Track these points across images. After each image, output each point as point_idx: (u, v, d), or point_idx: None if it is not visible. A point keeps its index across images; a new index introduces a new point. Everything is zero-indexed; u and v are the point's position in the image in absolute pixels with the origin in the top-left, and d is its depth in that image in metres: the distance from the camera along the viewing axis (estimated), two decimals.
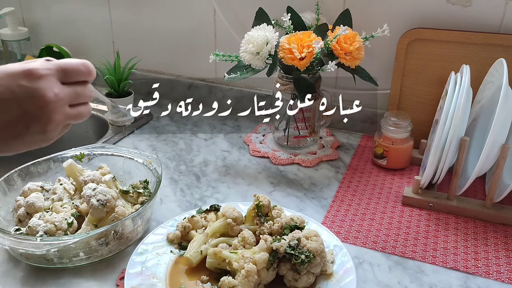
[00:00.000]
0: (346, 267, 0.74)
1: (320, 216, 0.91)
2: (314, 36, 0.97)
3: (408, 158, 1.06)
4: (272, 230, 0.77)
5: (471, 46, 1.01)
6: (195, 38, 1.32)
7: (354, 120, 1.22)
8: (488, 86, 0.95)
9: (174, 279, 0.74)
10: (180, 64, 1.39)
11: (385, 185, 1.00)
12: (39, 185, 0.87)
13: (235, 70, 1.05)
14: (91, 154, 0.95)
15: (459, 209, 0.90)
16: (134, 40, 1.40)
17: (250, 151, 1.13)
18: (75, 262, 0.77)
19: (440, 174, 0.90)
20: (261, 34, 0.99)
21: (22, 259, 0.78)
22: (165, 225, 0.84)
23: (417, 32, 1.04)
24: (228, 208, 0.81)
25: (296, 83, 1.01)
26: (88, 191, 0.80)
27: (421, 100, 1.09)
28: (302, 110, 1.09)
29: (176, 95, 1.40)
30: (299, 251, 0.70)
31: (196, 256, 0.75)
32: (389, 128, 1.03)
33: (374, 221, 0.89)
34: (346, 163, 1.09)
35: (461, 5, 1.03)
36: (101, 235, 0.76)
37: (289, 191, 0.98)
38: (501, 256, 0.81)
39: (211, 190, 0.98)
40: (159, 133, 1.22)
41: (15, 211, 0.82)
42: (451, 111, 0.85)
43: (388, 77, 1.13)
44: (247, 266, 0.69)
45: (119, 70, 1.22)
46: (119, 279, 0.75)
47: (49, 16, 1.51)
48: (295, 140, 1.14)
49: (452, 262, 0.79)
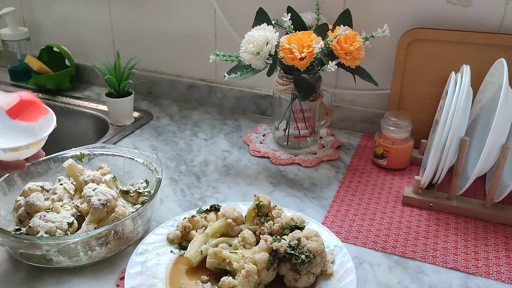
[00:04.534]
0: (346, 267, 0.74)
1: (320, 216, 0.91)
2: (314, 36, 0.97)
3: (408, 158, 1.06)
4: (272, 230, 0.77)
5: (471, 46, 1.01)
6: (195, 38, 1.32)
7: (354, 120, 1.22)
8: (488, 86, 0.95)
9: (174, 279, 0.74)
10: (180, 64, 1.39)
11: (385, 185, 1.00)
12: (39, 185, 0.87)
13: (235, 70, 1.05)
14: (91, 154, 0.95)
15: (459, 209, 0.90)
16: (134, 40, 1.40)
17: (250, 151, 1.13)
18: (75, 262, 0.77)
19: (440, 174, 0.90)
20: (261, 34, 0.99)
21: (22, 259, 0.78)
22: (165, 225, 0.84)
23: (417, 32, 1.04)
24: (228, 208, 0.80)
25: (296, 83, 1.01)
26: (88, 191, 0.80)
27: (421, 100, 1.09)
28: (302, 110, 1.09)
29: (176, 95, 1.40)
30: (299, 251, 0.70)
31: (196, 256, 0.75)
32: (389, 128, 1.03)
33: (374, 221, 0.89)
34: (346, 163, 1.09)
35: (461, 5, 1.03)
36: (101, 235, 0.76)
37: (289, 191, 0.98)
38: (501, 256, 0.81)
39: (211, 190, 0.98)
40: (159, 133, 1.22)
41: (15, 211, 0.82)
42: (451, 111, 0.85)
43: (388, 77, 1.13)
44: (247, 266, 0.69)
45: (119, 70, 1.22)
46: (119, 279, 0.75)
47: (49, 16, 1.51)
48: (295, 140, 1.14)
49: (452, 262, 0.79)
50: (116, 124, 1.25)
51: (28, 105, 0.71)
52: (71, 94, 1.43)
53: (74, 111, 1.36)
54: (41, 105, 0.73)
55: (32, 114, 0.72)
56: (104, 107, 1.32)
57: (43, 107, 0.73)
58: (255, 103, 1.32)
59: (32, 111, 0.72)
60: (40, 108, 0.73)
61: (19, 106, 0.71)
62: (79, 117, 1.36)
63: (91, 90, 1.47)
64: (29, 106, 0.72)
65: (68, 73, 1.43)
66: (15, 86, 1.49)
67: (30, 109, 0.72)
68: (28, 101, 0.71)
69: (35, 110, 0.72)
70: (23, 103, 0.71)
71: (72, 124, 1.37)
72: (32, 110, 0.72)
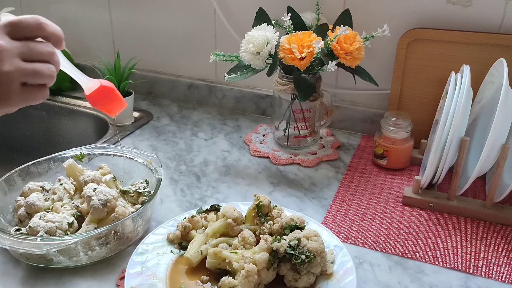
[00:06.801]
0: (346, 267, 0.74)
1: (320, 216, 0.91)
2: (314, 36, 0.97)
3: (408, 158, 1.06)
4: (272, 230, 0.77)
5: (471, 46, 1.01)
6: (195, 38, 1.32)
7: (354, 120, 1.22)
8: (488, 86, 0.95)
9: (174, 279, 0.74)
10: (180, 64, 1.39)
11: (385, 185, 1.00)
12: (39, 185, 0.87)
13: (235, 70, 1.05)
14: (91, 154, 0.95)
15: (459, 209, 0.90)
16: (134, 40, 1.40)
17: (250, 151, 1.13)
18: (75, 262, 0.77)
19: (440, 174, 0.90)
20: (261, 34, 0.99)
21: (22, 259, 0.78)
22: (165, 225, 0.84)
23: (417, 32, 1.04)
24: (228, 208, 0.81)
25: (296, 83, 1.01)
26: (88, 191, 0.80)
27: (421, 100, 1.09)
28: (302, 110, 1.09)
29: (176, 95, 1.40)
30: (299, 251, 0.70)
31: (196, 256, 0.75)
32: (389, 128, 1.03)
33: (374, 221, 0.89)
34: (346, 163, 1.09)
35: (461, 5, 1.03)
36: (101, 235, 0.76)
37: (289, 191, 0.98)
38: (501, 256, 0.81)
39: (211, 190, 0.98)
40: (159, 133, 1.22)
41: (15, 211, 0.82)
42: (451, 111, 0.85)
43: (388, 77, 1.13)
44: (247, 266, 0.69)
45: (119, 70, 1.22)
46: (119, 279, 0.75)
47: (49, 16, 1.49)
48: (295, 140, 1.14)
49: (452, 262, 0.79)
50: (116, 124, 1.25)
51: (107, 92, 0.72)
52: (71, 94, 1.43)
53: (74, 111, 1.36)
54: (119, 95, 0.73)
55: (111, 105, 0.72)
56: None
57: (121, 97, 0.73)
58: (255, 103, 1.32)
59: (111, 100, 0.72)
60: (118, 99, 0.73)
61: (99, 92, 0.71)
62: (79, 117, 1.36)
63: None
64: (109, 93, 0.72)
65: None
66: None
67: (109, 97, 0.72)
68: (107, 88, 0.71)
69: (114, 100, 0.73)
70: (103, 90, 0.71)
71: (72, 124, 1.37)
72: (111, 99, 0.72)
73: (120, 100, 0.73)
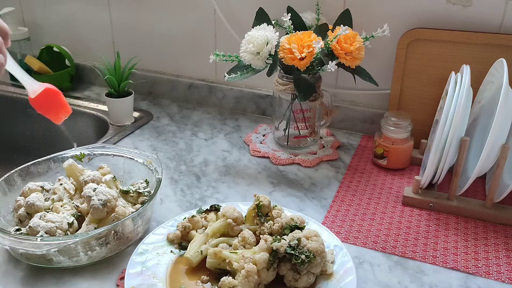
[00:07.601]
0: (346, 267, 0.74)
1: (320, 216, 0.91)
2: (314, 36, 0.97)
3: (408, 158, 1.06)
4: (272, 230, 0.77)
5: (471, 46, 1.01)
6: (195, 38, 1.32)
7: (354, 120, 1.22)
8: (488, 86, 0.95)
9: (174, 279, 0.74)
10: (180, 64, 1.39)
11: (385, 185, 1.00)
12: (39, 185, 0.87)
13: (235, 70, 1.05)
14: (91, 154, 0.95)
15: (459, 209, 0.90)
16: (134, 40, 1.40)
17: (250, 151, 1.13)
18: (75, 262, 0.77)
19: (440, 174, 0.90)
20: (261, 34, 0.99)
21: (22, 259, 0.78)
22: (165, 225, 0.84)
23: (417, 32, 1.04)
24: (228, 208, 0.81)
25: (296, 83, 1.01)
26: (88, 191, 0.80)
27: (421, 100, 1.09)
28: (302, 110, 1.09)
29: (176, 95, 1.40)
30: (299, 251, 0.70)
31: (196, 256, 0.75)
32: (389, 128, 1.03)
33: (374, 221, 0.89)
34: (346, 163, 1.09)
35: (461, 5, 1.03)
36: (101, 235, 0.76)
37: (289, 191, 0.98)
38: (501, 256, 0.81)
39: (211, 190, 0.98)
40: (159, 133, 1.22)
41: (15, 211, 0.82)
42: (451, 111, 0.85)
43: (388, 77, 1.13)
44: (247, 266, 0.69)
45: (119, 70, 1.22)
46: (119, 279, 0.75)
47: (49, 16, 1.51)
48: (295, 140, 1.14)
49: (452, 262, 0.79)
50: (116, 124, 1.25)
51: (53, 96, 0.71)
52: (71, 94, 1.43)
53: (74, 111, 1.34)
54: (64, 100, 0.72)
55: (57, 110, 0.72)
56: (104, 107, 1.32)
57: (66, 103, 0.72)
58: (255, 103, 1.32)
59: (56, 104, 0.71)
60: (63, 105, 0.72)
61: (44, 95, 0.70)
62: (79, 117, 1.35)
63: (91, 90, 1.47)
64: (54, 97, 0.71)
65: (68, 73, 1.43)
66: (15, 86, 1.49)
67: (55, 101, 0.71)
68: (53, 91, 0.70)
69: (59, 105, 0.72)
70: (49, 93, 0.70)
71: (72, 124, 1.37)
72: (56, 103, 0.71)
73: (65, 106, 0.72)
